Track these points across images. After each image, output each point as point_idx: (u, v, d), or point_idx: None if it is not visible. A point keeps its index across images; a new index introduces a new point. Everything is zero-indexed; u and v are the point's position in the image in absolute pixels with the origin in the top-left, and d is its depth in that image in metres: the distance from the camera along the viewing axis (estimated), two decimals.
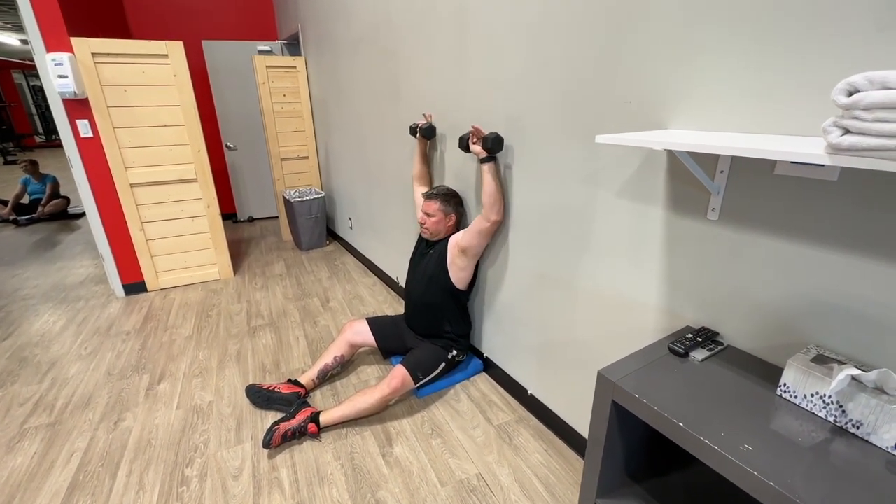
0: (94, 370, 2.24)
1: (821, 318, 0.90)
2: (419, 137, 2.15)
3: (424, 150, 2.20)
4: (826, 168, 0.83)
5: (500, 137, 1.65)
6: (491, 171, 1.67)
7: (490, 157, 1.67)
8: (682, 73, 1.04)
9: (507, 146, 1.67)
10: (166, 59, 2.79)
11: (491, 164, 1.67)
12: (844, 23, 0.77)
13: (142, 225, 3.00)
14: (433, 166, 2.26)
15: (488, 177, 1.68)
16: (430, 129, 2.08)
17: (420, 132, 2.10)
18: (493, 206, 1.69)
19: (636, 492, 1.08)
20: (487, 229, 1.75)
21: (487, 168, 1.67)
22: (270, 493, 1.51)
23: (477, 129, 1.69)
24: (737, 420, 0.82)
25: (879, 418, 0.74)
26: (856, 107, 0.57)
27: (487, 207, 1.70)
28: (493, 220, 1.72)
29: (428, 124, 2.08)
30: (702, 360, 1.00)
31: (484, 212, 1.72)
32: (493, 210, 1.70)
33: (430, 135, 2.08)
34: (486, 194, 1.69)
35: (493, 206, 1.70)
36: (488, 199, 1.69)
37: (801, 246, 0.90)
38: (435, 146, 2.22)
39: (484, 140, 1.66)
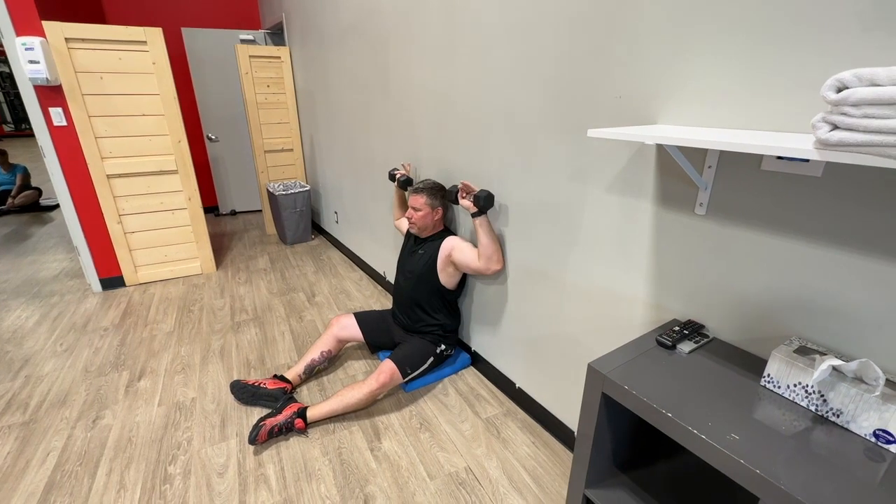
0: (70, 367, 2.17)
1: (803, 311, 0.92)
2: (397, 187, 2.22)
3: (402, 198, 2.28)
4: (811, 164, 0.85)
5: (492, 195, 1.68)
6: (484, 226, 1.70)
7: (481, 212, 1.69)
8: (673, 68, 1.05)
9: (500, 138, 1.67)
10: (144, 46, 2.69)
11: (483, 219, 1.70)
12: (831, 23, 0.79)
13: (119, 217, 2.91)
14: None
15: (482, 232, 1.70)
16: (406, 182, 2.14)
17: (398, 184, 2.18)
18: (491, 257, 1.72)
19: (623, 482, 1.10)
20: (486, 275, 1.82)
21: (480, 223, 1.70)
22: (257, 490, 1.49)
23: (466, 185, 1.72)
24: (723, 410, 0.84)
25: (859, 407, 0.77)
26: (844, 103, 0.58)
27: (486, 259, 1.72)
28: (494, 269, 1.74)
29: (405, 177, 2.15)
30: (689, 352, 1.02)
31: (483, 262, 1.73)
32: (492, 261, 1.73)
33: (405, 187, 2.15)
34: (484, 247, 1.71)
35: (493, 257, 1.72)
36: (486, 251, 1.71)
37: (785, 240, 0.92)
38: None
39: (476, 199, 1.69)
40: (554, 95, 1.38)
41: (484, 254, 1.72)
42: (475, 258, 1.77)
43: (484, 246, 1.71)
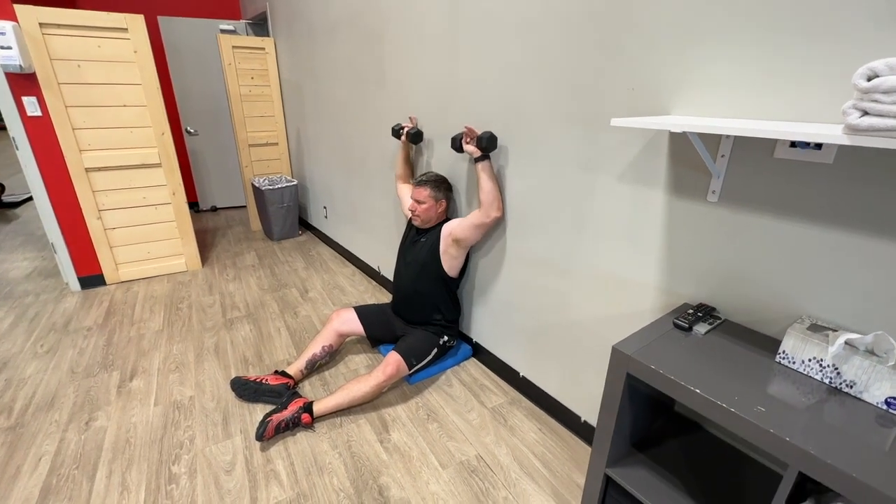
0: (54, 369, 2.07)
1: (812, 291, 0.98)
2: (404, 141, 2.15)
3: (408, 154, 2.23)
4: (823, 151, 0.90)
5: (494, 136, 1.66)
6: (486, 171, 1.69)
7: (484, 157, 1.69)
8: (684, 61, 1.09)
9: (503, 132, 1.69)
10: (125, 34, 2.58)
11: (486, 163, 1.69)
12: (840, 15, 0.84)
13: (99, 213, 2.78)
14: (421, 169, 2.25)
15: (484, 176, 1.69)
16: (417, 135, 2.08)
17: (407, 136, 2.10)
18: (492, 203, 1.71)
19: (641, 460, 1.14)
20: (486, 225, 1.77)
21: (482, 167, 1.69)
22: (268, 486, 1.47)
23: (470, 130, 1.71)
24: (744, 385, 0.88)
25: (871, 377, 0.82)
26: (876, 90, 0.62)
27: (487, 205, 1.72)
28: (494, 216, 1.73)
29: (415, 129, 2.08)
30: (704, 334, 1.06)
31: (483, 209, 1.73)
32: (492, 207, 1.72)
33: (417, 140, 2.09)
34: (485, 192, 1.70)
35: (493, 204, 1.71)
36: (487, 196, 1.71)
37: (796, 225, 0.98)
38: (421, 151, 2.21)
39: (478, 140, 1.67)
40: (565, 88, 1.41)
41: (485, 200, 1.71)
42: (474, 214, 1.78)
43: (486, 192, 1.70)
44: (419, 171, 2.27)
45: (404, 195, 2.19)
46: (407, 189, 2.19)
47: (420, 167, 2.27)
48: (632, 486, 1.07)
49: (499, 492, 1.46)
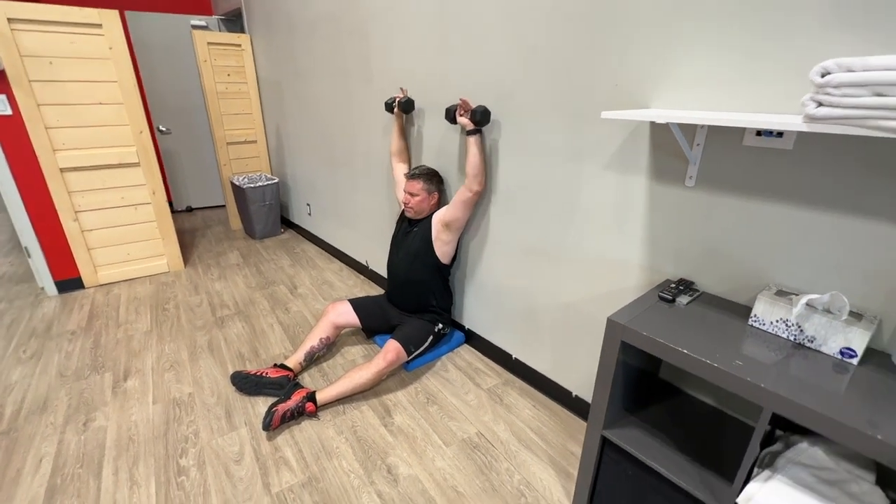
0: (41, 373, 2.03)
1: (777, 262, 1.11)
2: (397, 112, 2.16)
3: (402, 126, 2.22)
4: (784, 139, 1.03)
5: (488, 111, 1.74)
6: (477, 144, 1.76)
7: (476, 130, 1.76)
8: (663, 59, 1.20)
9: (494, 124, 1.77)
10: (99, 30, 2.52)
11: (477, 137, 1.76)
12: (796, 20, 0.96)
13: (76, 215, 2.71)
14: (411, 141, 2.29)
15: (474, 149, 1.77)
16: (409, 103, 2.09)
17: (399, 106, 2.10)
18: (476, 176, 1.79)
19: (632, 421, 1.26)
20: (470, 199, 1.85)
21: (474, 140, 1.76)
22: (279, 472, 1.51)
23: (465, 102, 1.77)
24: (723, 345, 1.00)
25: (828, 332, 0.96)
26: (828, 85, 0.74)
27: (471, 178, 1.80)
28: (476, 190, 1.82)
29: (406, 98, 2.10)
30: (686, 304, 1.18)
31: (467, 182, 1.81)
32: (475, 181, 1.80)
33: (409, 109, 2.10)
34: (471, 165, 1.78)
35: (477, 177, 1.79)
36: (472, 169, 1.78)
37: (762, 203, 1.11)
38: (412, 121, 2.25)
39: (472, 113, 1.74)
40: (553, 83, 1.51)
41: (470, 172, 1.79)
42: (457, 194, 1.87)
43: (472, 164, 1.77)
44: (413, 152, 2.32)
45: (400, 176, 2.21)
46: (402, 171, 2.22)
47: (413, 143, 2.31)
48: (626, 444, 1.18)
49: (501, 464, 1.56)
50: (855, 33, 0.90)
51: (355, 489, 1.45)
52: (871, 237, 0.97)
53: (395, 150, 2.24)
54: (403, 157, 2.25)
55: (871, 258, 0.97)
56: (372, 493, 1.44)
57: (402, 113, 2.16)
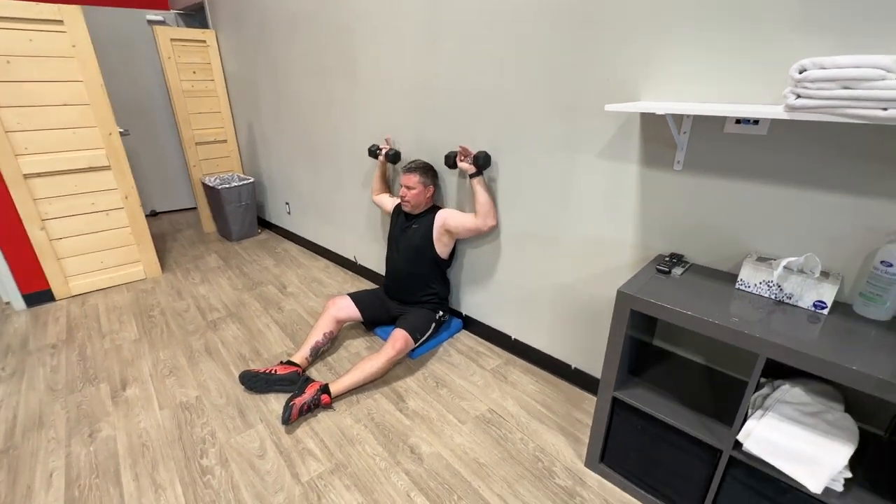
0: (28, 389, 1.94)
1: (756, 233, 1.28)
2: (381, 161, 2.29)
3: (384, 172, 2.38)
4: (760, 126, 1.20)
5: (489, 155, 1.86)
6: (482, 185, 1.89)
7: (479, 173, 1.88)
8: (653, 55, 1.34)
9: (485, 120, 1.87)
10: (61, 26, 2.38)
11: (480, 178, 1.89)
12: (770, 23, 1.12)
13: (42, 223, 2.56)
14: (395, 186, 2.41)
15: (480, 189, 1.88)
16: (396, 155, 2.24)
17: (387, 157, 2.25)
18: (488, 213, 1.91)
19: (637, 382, 1.41)
20: (483, 232, 1.98)
21: (478, 182, 1.88)
22: (305, 462, 1.56)
23: (464, 149, 1.89)
24: (718, 306, 1.16)
25: (803, 289, 1.13)
26: (805, 80, 0.89)
27: (483, 216, 1.91)
28: (490, 225, 1.94)
29: (393, 150, 2.23)
30: (680, 275, 1.34)
31: (480, 219, 1.92)
32: (489, 217, 1.92)
33: (395, 160, 2.25)
34: (482, 204, 1.90)
35: (489, 214, 1.91)
36: (484, 208, 1.90)
37: (741, 183, 1.27)
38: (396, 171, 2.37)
39: (476, 158, 1.86)
40: (546, 80, 1.62)
41: (481, 211, 1.91)
42: (471, 218, 1.97)
43: (482, 203, 1.90)
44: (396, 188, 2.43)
45: (385, 203, 2.36)
46: (386, 197, 2.37)
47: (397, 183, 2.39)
48: (636, 402, 1.33)
49: (515, 435, 1.67)
50: (821, 36, 1.06)
51: (383, 470, 1.52)
52: (832, 208, 1.15)
53: (377, 191, 2.40)
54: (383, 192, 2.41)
55: (833, 225, 1.16)
56: (400, 472, 1.51)
57: (389, 163, 2.29)
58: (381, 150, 2.29)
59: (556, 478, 1.50)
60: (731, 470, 1.18)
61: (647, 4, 1.31)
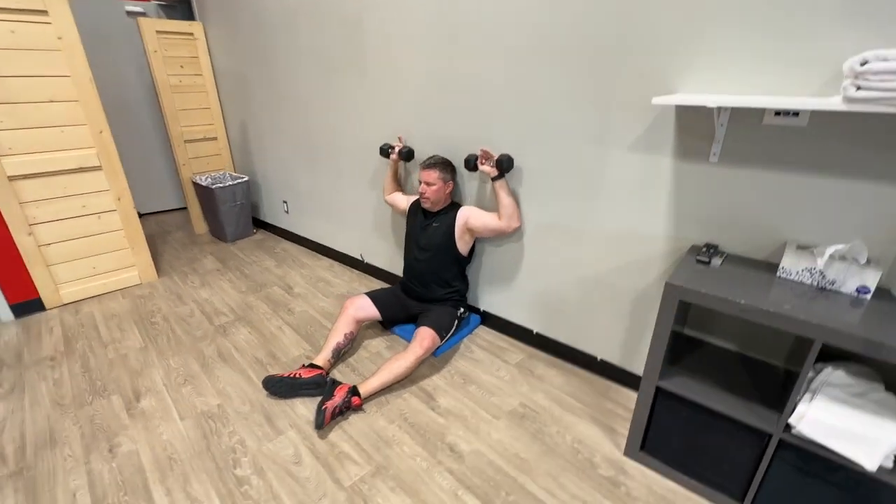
0: (32, 405, 1.82)
1: (792, 223, 1.32)
2: (394, 159, 2.25)
3: (396, 172, 2.34)
4: (800, 118, 1.23)
5: (511, 158, 1.86)
6: (504, 188, 1.89)
7: (501, 175, 1.87)
8: (689, 49, 1.35)
9: (511, 114, 1.86)
10: (45, 17, 2.23)
11: (503, 181, 1.88)
12: (811, 16, 1.15)
13: (30, 228, 2.40)
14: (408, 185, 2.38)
15: (503, 192, 1.88)
16: (409, 152, 2.21)
17: (400, 155, 2.21)
18: (512, 215, 1.91)
19: (677, 371, 1.43)
20: (507, 234, 1.98)
21: (500, 185, 1.88)
22: (344, 466, 1.52)
23: (486, 152, 1.88)
24: (765, 293, 1.19)
25: (846, 275, 1.18)
26: (868, 72, 0.91)
27: (508, 218, 1.91)
28: (514, 227, 1.94)
29: (407, 148, 2.20)
30: (720, 265, 1.37)
31: (505, 220, 1.92)
32: (513, 219, 1.92)
33: (409, 157, 2.21)
34: (506, 207, 1.89)
35: (514, 216, 1.91)
36: (508, 210, 1.90)
37: (779, 173, 1.31)
38: (408, 170, 2.33)
39: (498, 162, 1.85)
40: (576, 74, 1.62)
41: (505, 213, 1.91)
42: (494, 219, 1.96)
43: (505, 206, 1.90)
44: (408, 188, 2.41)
45: (398, 202, 2.33)
46: (400, 196, 2.34)
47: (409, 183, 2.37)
48: (681, 391, 1.35)
49: (550, 428, 1.68)
50: (858, 30, 1.09)
51: (425, 470, 1.51)
52: (869, 196, 1.19)
53: (389, 191, 2.37)
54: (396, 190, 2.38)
55: (870, 213, 1.20)
56: (443, 471, 1.50)
57: (403, 161, 2.25)
58: (394, 148, 2.25)
59: (599, 468, 1.51)
60: (780, 452, 1.22)
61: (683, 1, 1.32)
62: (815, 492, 1.19)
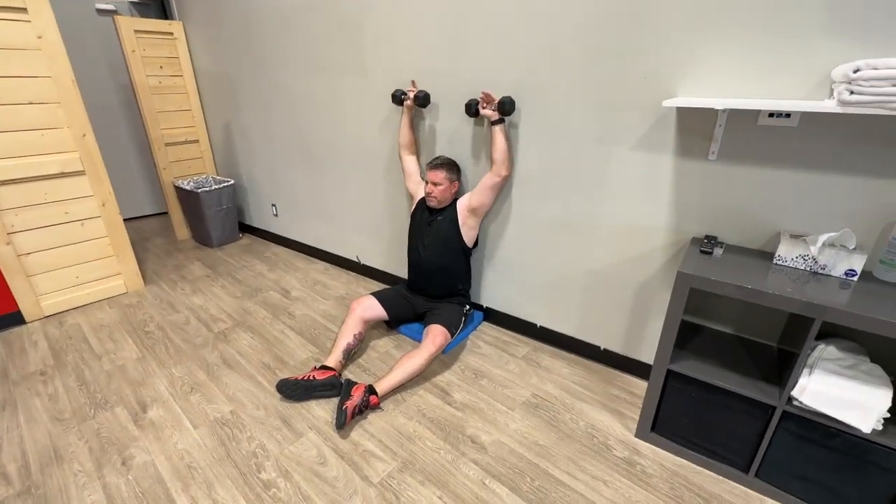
0: (29, 422, 1.74)
1: (785, 214, 1.45)
2: (408, 105, 2.18)
3: (411, 118, 2.26)
4: (791, 119, 1.35)
5: (513, 100, 1.87)
6: (503, 131, 1.91)
7: (501, 120, 1.90)
8: (690, 54, 1.46)
9: (518, 112, 1.92)
10: (24, 15, 2.12)
11: (502, 125, 1.91)
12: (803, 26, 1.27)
13: (9, 237, 2.27)
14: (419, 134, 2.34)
15: (500, 136, 1.91)
16: (426, 97, 2.13)
17: (414, 100, 2.14)
18: (504, 162, 1.94)
19: (685, 354, 1.54)
20: (498, 184, 1.99)
21: (499, 129, 1.90)
22: (370, 464, 1.54)
23: (487, 95, 1.90)
24: (765, 278, 1.30)
25: (836, 260, 1.31)
26: (860, 78, 1.03)
27: (499, 164, 1.94)
28: (504, 175, 1.96)
29: (423, 92, 2.13)
30: (722, 254, 1.48)
31: (494, 168, 1.95)
32: (503, 166, 1.95)
33: (425, 103, 2.14)
34: (499, 151, 1.92)
35: (504, 163, 1.94)
36: (500, 155, 1.93)
37: (772, 170, 1.43)
38: (421, 115, 2.30)
39: (500, 104, 1.87)
40: (581, 77, 1.70)
41: (498, 158, 1.93)
42: (486, 178, 1.99)
43: (499, 150, 1.92)
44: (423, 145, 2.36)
45: (411, 167, 2.29)
46: (413, 162, 2.30)
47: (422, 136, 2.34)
48: (691, 372, 1.45)
49: (563, 415, 1.76)
50: (844, 41, 1.22)
51: (451, 462, 1.55)
52: (854, 188, 1.33)
53: (405, 142, 2.27)
54: (413, 150, 2.30)
55: (854, 203, 1.34)
56: (468, 462, 1.55)
57: (417, 106, 2.19)
58: (408, 94, 2.17)
59: (614, 450, 1.60)
60: (783, 423, 1.33)
61: (684, 6, 1.43)
62: (815, 456, 1.31)
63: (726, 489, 1.46)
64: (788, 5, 1.27)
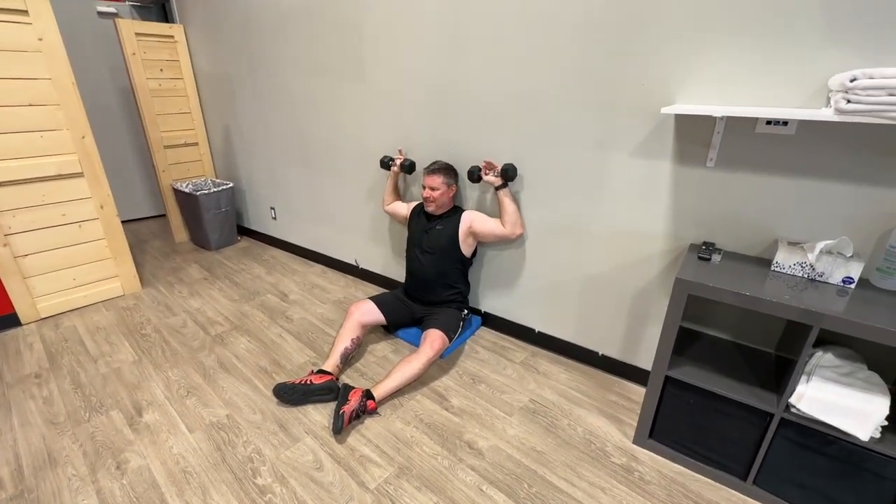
0: (23, 425, 1.72)
1: (782, 222, 1.45)
2: (395, 171, 2.30)
3: (396, 183, 2.39)
4: (788, 127, 1.36)
5: (515, 167, 1.93)
6: (509, 196, 1.97)
7: (505, 184, 1.95)
8: (688, 62, 1.47)
9: (515, 121, 1.93)
10: (25, 17, 2.13)
11: (507, 189, 1.96)
12: (799, 36, 1.28)
13: (5, 238, 2.27)
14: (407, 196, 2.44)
15: (507, 200, 1.96)
16: (411, 165, 2.26)
17: (401, 168, 2.26)
18: (516, 223, 1.99)
19: (683, 360, 1.54)
20: (510, 240, 2.07)
21: (504, 193, 1.96)
22: (367, 469, 1.53)
23: (489, 163, 1.96)
24: (762, 285, 1.30)
25: (833, 268, 1.31)
26: (856, 87, 1.04)
27: (512, 225, 1.99)
28: (518, 234, 2.01)
29: (409, 161, 2.25)
30: (720, 261, 1.48)
31: (509, 228, 1.99)
32: (517, 226, 2.00)
33: (410, 170, 2.27)
34: (510, 214, 1.97)
35: (517, 223, 1.99)
36: (512, 217, 1.97)
37: (769, 177, 1.44)
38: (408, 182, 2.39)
39: (503, 171, 1.93)
40: (580, 83, 1.71)
41: (510, 220, 1.98)
42: (498, 225, 2.03)
43: (510, 213, 1.97)
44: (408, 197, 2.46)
45: (399, 210, 2.39)
46: (400, 204, 2.39)
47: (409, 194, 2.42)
48: (689, 379, 1.45)
49: (561, 421, 1.76)
50: (840, 51, 1.23)
51: (448, 468, 1.54)
52: (850, 196, 1.33)
53: (389, 206, 2.41)
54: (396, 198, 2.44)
55: (851, 211, 1.34)
56: (465, 468, 1.54)
57: (404, 174, 2.31)
58: (395, 161, 2.30)
59: (611, 457, 1.60)
60: (782, 430, 1.33)
61: (683, 14, 1.44)
62: (813, 464, 1.31)
63: (724, 496, 1.45)
64: (787, 14, 1.28)
